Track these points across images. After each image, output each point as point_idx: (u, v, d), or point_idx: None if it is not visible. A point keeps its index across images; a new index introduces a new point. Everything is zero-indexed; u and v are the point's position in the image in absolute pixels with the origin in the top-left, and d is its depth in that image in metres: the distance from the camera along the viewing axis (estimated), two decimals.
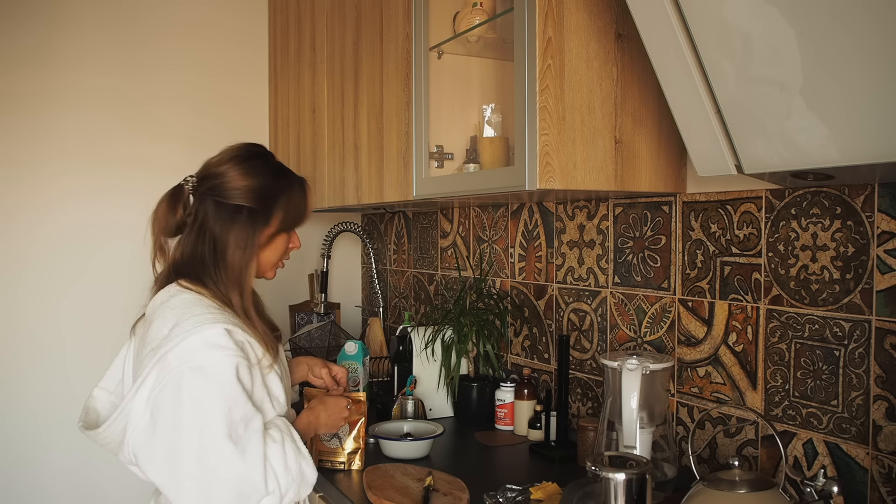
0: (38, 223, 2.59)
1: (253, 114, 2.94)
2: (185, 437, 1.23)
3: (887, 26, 0.86)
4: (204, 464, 1.23)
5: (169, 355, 1.25)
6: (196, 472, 1.23)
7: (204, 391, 1.24)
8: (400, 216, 2.85)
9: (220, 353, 1.26)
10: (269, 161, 1.47)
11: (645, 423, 1.49)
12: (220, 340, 1.27)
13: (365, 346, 2.35)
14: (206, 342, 1.26)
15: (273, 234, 1.43)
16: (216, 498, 1.24)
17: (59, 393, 2.60)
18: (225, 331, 1.28)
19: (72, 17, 2.61)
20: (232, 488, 1.24)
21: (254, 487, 1.26)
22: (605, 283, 1.88)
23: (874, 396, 1.31)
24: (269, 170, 1.45)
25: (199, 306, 1.32)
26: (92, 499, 2.65)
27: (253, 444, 1.26)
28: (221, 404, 1.24)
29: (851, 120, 0.95)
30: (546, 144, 1.46)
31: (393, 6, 2.02)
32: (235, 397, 1.26)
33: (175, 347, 1.25)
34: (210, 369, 1.25)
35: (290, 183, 1.46)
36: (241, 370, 1.28)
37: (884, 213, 1.29)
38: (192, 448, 1.22)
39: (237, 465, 1.24)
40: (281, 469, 1.29)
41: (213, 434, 1.23)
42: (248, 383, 1.30)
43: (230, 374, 1.26)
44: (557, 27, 1.47)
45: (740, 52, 1.03)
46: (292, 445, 1.33)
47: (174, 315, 1.30)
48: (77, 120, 2.63)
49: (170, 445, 1.24)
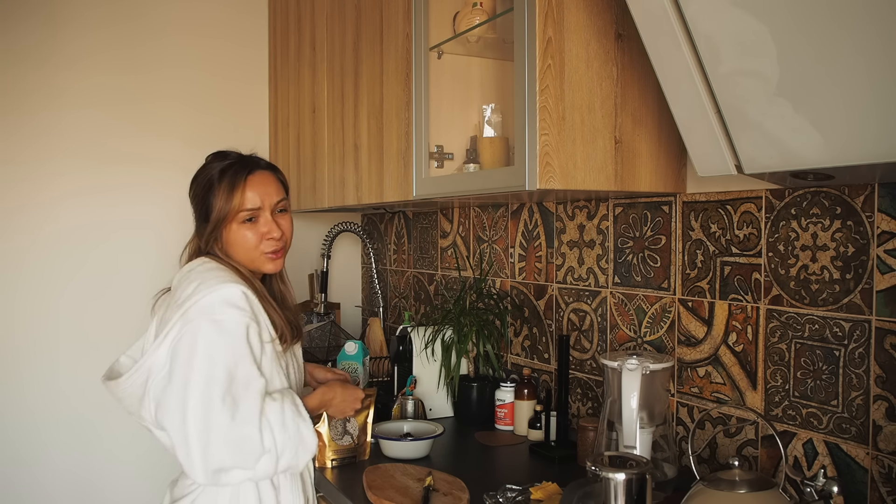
0: (39, 222, 2.59)
1: (253, 112, 2.94)
2: (194, 382, 1.30)
3: (887, 26, 0.86)
4: (207, 413, 1.29)
5: (191, 310, 1.34)
6: (200, 418, 1.29)
7: (217, 343, 1.32)
8: (400, 216, 2.85)
9: (236, 312, 1.35)
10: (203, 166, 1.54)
11: (645, 423, 1.49)
12: (237, 300, 1.36)
13: (365, 346, 2.36)
14: (225, 299, 1.35)
15: (215, 232, 1.48)
16: (214, 453, 1.29)
17: (58, 393, 2.60)
18: (243, 293, 1.37)
19: (72, 16, 2.61)
20: (229, 445, 1.30)
21: (251, 444, 1.31)
22: (605, 283, 1.88)
23: (874, 396, 1.31)
24: (199, 171, 1.53)
25: (222, 271, 1.43)
26: (91, 499, 2.65)
27: (250, 402, 1.32)
28: (229, 359, 1.32)
29: (851, 120, 0.95)
30: (546, 144, 1.46)
31: (393, 6, 2.02)
32: (243, 356, 1.34)
33: (197, 302, 1.34)
34: (225, 324, 1.34)
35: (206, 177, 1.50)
36: (251, 332, 1.37)
37: (884, 213, 1.29)
38: (199, 394, 1.29)
39: (230, 423, 1.30)
40: (278, 426, 1.34)
41: (217, 385, 1.30)
42: (256, 347, 1.38)
43: (241, 332, 1.35)
44: (557, 27, 1.47)
45: (740, 52, 1.03)
46: (292, 408, 1.39)
47: (199, 277, 1.40)
48: (78, 118, 2.63)
49: (182, 391, 1.30)
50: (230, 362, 1.32)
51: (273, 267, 1.52)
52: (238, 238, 1.48)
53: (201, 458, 1.29)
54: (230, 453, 1.30)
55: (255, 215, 1.49)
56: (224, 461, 1.30)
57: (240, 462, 1.31)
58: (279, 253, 1.52)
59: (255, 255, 1.50)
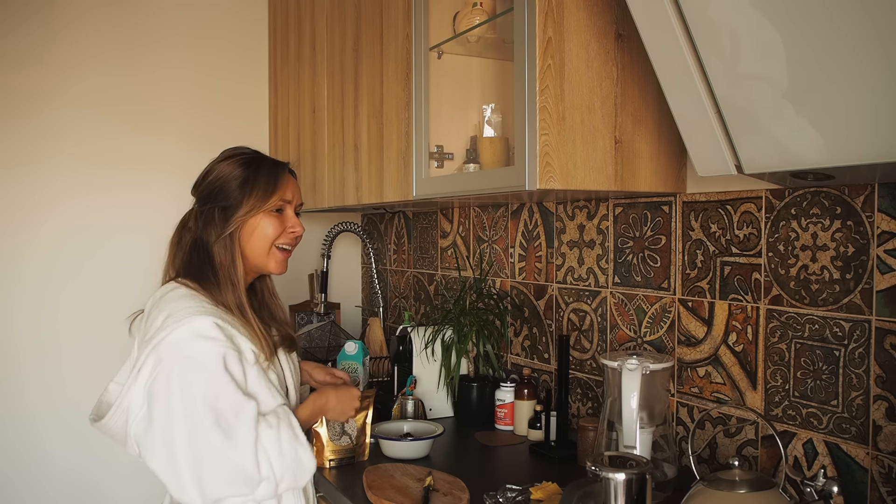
0: (38, 223, 2.59)
1: (253, 113, 2.94)
2: (176, 426, 1.26)
3: (887, 26, 0.86)
4: (196, 452, 1.26)
5: (161, 345, 1.30)
6: (190, 459, 1.26)
7: (192, 380, 1.28)
8: (400, 216, 2.85)
9: (209, 344, 1.30)
10: (229, 157, 1.50)
11: (645, 423, 1.49)
12: (208, 331, 1.31)
13: (365, 346, 2.36)
14: (195, 332, 1.30)
15: (245, 217, 1.45)
16: (210, 486, 1.27)
17: (58, 393, 2.60)
18: (214, 323, 1.32)
19: (72, 16, 2.61)
20: (224, 476, 1.27)
21: (246, 474, 1.28)
22: (605, 283, 1.88)
23: (874, 396, 1.31)
24: (227, 163, 1.49)
25: (192, 300, 1.37)
26: (91, 499, 2.65)
27: (243, 432, 1.29)
28: (210, 393, 1.28)
29: (851, 120, 0.95)
30: (546, 144, 1.46)
31: (393, 6, 2.02)
32: (223, 386, 1.29)
33: (166, 338, 1.30)
34: (199, 359, 1.29)
35: (245, 165, 1.48)
36: (230, 360, 1.32)
37: (884, 213, 1.29)
38: (183, 437, 1.26)
39: (227, 453, 1.27)
40: (275, 454, 1.32)
41: (202, 423, 1.26)
42: (237, 374, 1.33)
43: (217, 364, 1.30)
44: (557, 27, 1.47)
45: (740, 52, 1.03)
46: (289, 432, 1.36)
47: (168, 307, 1.36)
48: (77, 119, 2.63)
49: (165, 435, 1.27)
50: (210, 397, 1.28)
51: (278, 268, 1.51)
52: (263, 226, 1.46)
53: (198, 493, 1.26)
54: (226, 483, 1.27)
55: (285, 207, 1.50)
56: (221, 491, 1.28)
57: (236, 491, 1.29)
58: (288, 255, 1.52)
59: (268, 249, 1.48)
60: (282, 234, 1.49)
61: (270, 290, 1.61)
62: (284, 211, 1.50)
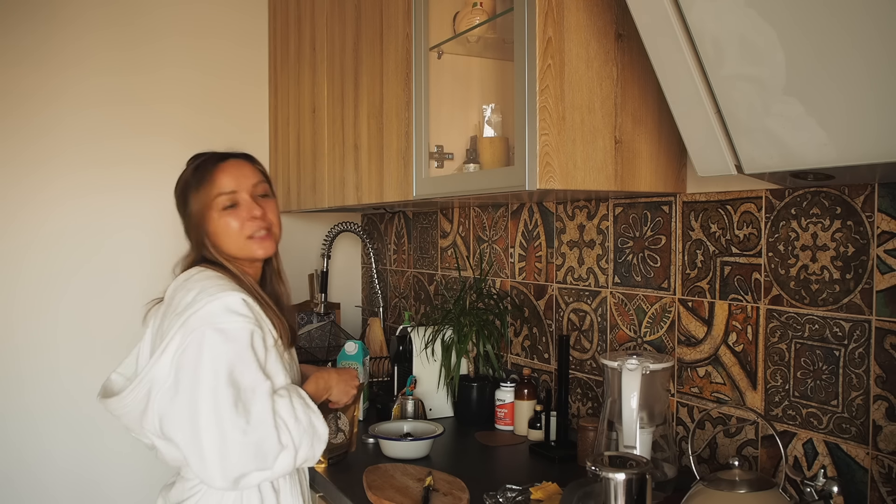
0: (38, 223, 2.59)
1: (253, 113, 2.94)
2: (203, 393, 1.28)
3: (887, 26, 0.86)
4: (220, 423, 1.27)
5: (192, 318, 1.32)
6: (214, 430, 1.27)
7: (223, 351, 1.31)
8: (400, 216, 2.85)
9: (240, 319, 1.34)
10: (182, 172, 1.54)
11: (645, 423, 1.49)
12: (239, 307, 1.35)
13: (365, 346, 2.35)
14: (227, 307, 1.34)
15: (200, 222, 1.47)
16: (234, 459, 1.28)
17: (58, 392, 2.59)
18: (242, 300, 1.36)
19: (72, 16, 2.60)
20: (246, 450, 1.28)
21: (268, 444, 1.30)
22: (605, 283, 1.88)
23: (874, 396, 1.31)
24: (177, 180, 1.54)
25: (221, 279, 1.41)
26: (91, 499, 2.65)
27: (260, 405, 1.31)
28: (235, 368, 1.31)
29: (851, 120, 0.95)
30: (546, 144, 1.46)
31: (393, 6, 2.02)
32: (249, 362, 1.33)
33: (199, 311, 1.33)
34: (230, 332, 1.32)
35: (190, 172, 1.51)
36: (256, 338, 1.36)
37: (884, 213, 1.29)
38: (209, 405, 1.28)
39: (246, 427, 1.29)
40: (291, 421, 1.34)
41: (225, 396, 1.28)
42: (260, 352, 1.36)
43: (246, 339, 1.34)
44: (557, 27, 1.47)
45: (740, 52, 1.03)
46: (300, 400, 1.39)
47: (198, 285, 1.39)
48: (77, 119, 2.63)
49: (191, 403, 1.29)
50: (236, 370, 1.30)
51: (263, 251, 1.48)
52: (221, 227, 1.46)
53: (220, 468, 1.27)
54: (249, 458, 1.28)
55: (234, 200, 1.47)
56: (244, 467, 1.29)
57: (260, 464, 1.30)
58: (267, 236, 1.49)
59: (241, 242, 1.46)
60: (245, 225, 1.47)
61: (278, 272, 1.59)
62: (237, 204, 1.47)
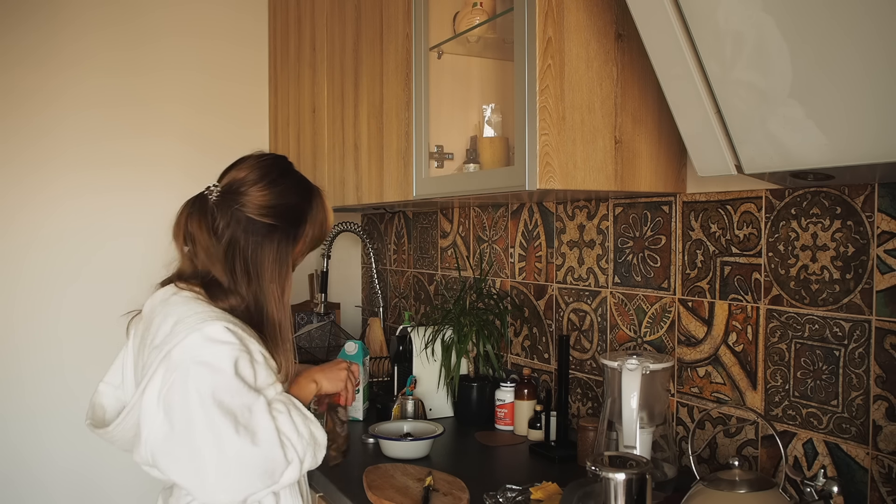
0: (38, 223, 2.59)
1: (253, 113, 2.94)
2: (199, 431, 1.25)
3: (886, 26, 0.87)
4: (223, 453, 1.25)
5: (173, 352, 1.27)
6: (219, 462, 1.25)
7: (209, 384, 1.26)
8: (400, 216, 2.85)
9: (223, 347, 1.29)
10: (297, 177, 1.48)
11: (645, 423, 1.49)
12: (220, 335, 1.30)
13: (365, 346, 2.35)
14: (208, 338, 1.28)
15: (301, 250, 1.46)
16: (244, 483, 1.27)
17: (58, 393, 2.60)
18: (225, 328, 1.31)
19: (72, 17, 2.61)
20: (255, 470, 1.27)
21: (276, 463, 1.29)
22: (605, 283, 1.88)
23: (874, 396, 1.31)
24: (300, 187, 1.46)
25: (199, 304, 1.35)
26: (92, 499, 2.65)
27: (262, 424, 1.29)
28: (226, 395, 1.27)
29: (851, 120, 0.95)
30: (546, 144, 1.46)
31: (393, 6, 2.02)
32: (238, 388, 1.29)
33: (179, 344, 1.27)
34: (214, 364, 1.28)
35: (313, 198, 1.47)
36: (241, 364, 1.31)
37: (884, 213, 1.29)
38: (208, 441, 1.25)
39: (251, 450, 1.27)
40: (294, 436, 1.33)
41: (224, 425, 1.25)
42: (248, 376, 1.32)
43: (230, 368, 1.29)
44: (557, 27, 1.47)
45: (740, 52, 1.03)
46: (298, 413, 1.37)
47: (176, 312, 1.33)
48: (77, 119, 2.63)
49: (189, 442, 1.26)
50: (226, 398, 1.27)
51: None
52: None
53: (225, 493, 1.26)
54: (257, 478, 1.28)
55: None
56: (251, 487, 1.28)
57: (267, 483, 1.30)
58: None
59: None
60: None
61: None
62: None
